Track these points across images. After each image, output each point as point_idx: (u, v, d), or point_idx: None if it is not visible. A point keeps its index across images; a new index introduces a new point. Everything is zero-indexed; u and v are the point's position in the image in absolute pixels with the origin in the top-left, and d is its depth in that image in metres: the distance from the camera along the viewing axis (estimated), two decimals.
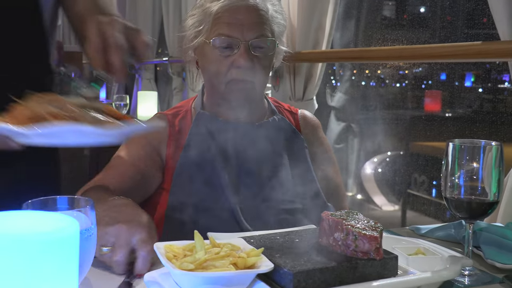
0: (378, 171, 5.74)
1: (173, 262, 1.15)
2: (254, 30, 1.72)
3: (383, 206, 5.73)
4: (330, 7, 2.95)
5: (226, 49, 1.72)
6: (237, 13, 1.72)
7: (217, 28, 1.72)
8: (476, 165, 1.34)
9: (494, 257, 1.46)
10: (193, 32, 1.79)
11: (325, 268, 1.16)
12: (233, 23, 1.71)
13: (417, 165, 5.35)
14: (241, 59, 1.70)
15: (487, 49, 1.79)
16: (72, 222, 0.83)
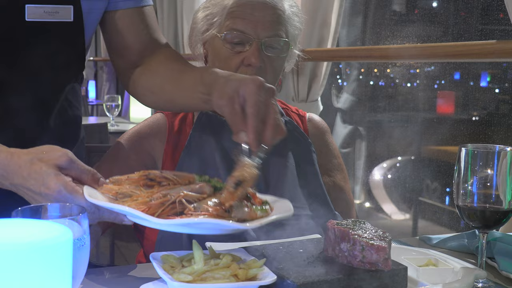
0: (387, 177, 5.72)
1: (171, 273, 1.16)
2: (268, 29, 1.75)
3: (392, 214, 5.72)
4: (336, 2, 2.96)
5: (238, 45, 1.74)
6: (253, 9, 1.75)
7: (230, 22, 1.74)
8: (490, 172, 1.34)
9: (509, 268, 1.46)
10: (204, 25, 1.81)
11: (330, 280, 1.17)
12: (247, 18, 1.74)
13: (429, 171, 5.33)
14: (252, 57, 1.72)
15: (503, 48, 1.80)
16: (65, 231, 0.85)
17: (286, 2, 1.81)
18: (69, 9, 1.56)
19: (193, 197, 1.24)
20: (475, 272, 1.32)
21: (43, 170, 1.23)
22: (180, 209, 1.20)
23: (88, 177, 1.27)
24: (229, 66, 1.74)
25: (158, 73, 1.66)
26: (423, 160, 5.44)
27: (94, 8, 1.62)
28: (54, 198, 1.22)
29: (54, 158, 1.25)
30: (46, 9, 1.52)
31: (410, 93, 5.59)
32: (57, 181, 1.22)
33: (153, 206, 1.19)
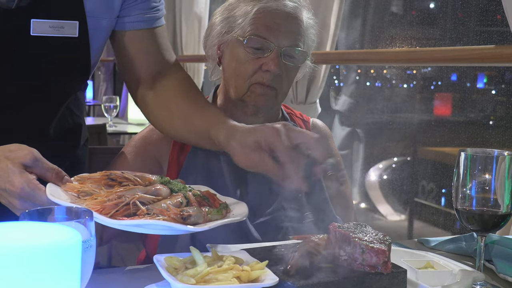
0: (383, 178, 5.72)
1: (174, 275, 1.18)
2: (289, 38, 1.77)
3: (388, 216, 5.72)
4: (335, 5, 2.97)
5: (258, 50, 1.75)
6: (276, 18, 1.77)
7: (253, 27, 1.75)
8: (489, 176, 1.35)
9: (507, 271, 1.47)
10: (224, 27, 1.83)
11: (330, 282, 1.19)
12: (270, 26, 1.75)
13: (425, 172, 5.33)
14: (271, 63, 1.73)
15: (501, 53, 1.81)
16: (74, 234, 0.86)
17: (305, 14, 1.83)
18: (75, 25, 1.58)
19: (148, 199, 1.29)
20: (473, 274, 1.33)
21: (9, 167, 1.26)
22: (134, 210, 1.24)
23: (53, 175, 1.31)
24: (246, 70, 1.76)
25: (170, 109, 1.68)
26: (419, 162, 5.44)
27: (100, 26, 1.64)
28: (18, 195, 1.25)
29: (20, 156, 1.28)
30: (52, 24, 1.54)
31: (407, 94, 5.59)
32: (21, 178, 1.25)
33: (107, 207, 1.23)
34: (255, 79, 1.76)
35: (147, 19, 1.71)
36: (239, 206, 1.41)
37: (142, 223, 1.21)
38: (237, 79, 1.80)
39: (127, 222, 1.21)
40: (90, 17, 1.60)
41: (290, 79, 1.83)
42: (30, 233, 0.89)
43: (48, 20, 1.54)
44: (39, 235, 0.88)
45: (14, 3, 1.51)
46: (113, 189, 1.32)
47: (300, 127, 1.92)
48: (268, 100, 1.80)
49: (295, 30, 1.79)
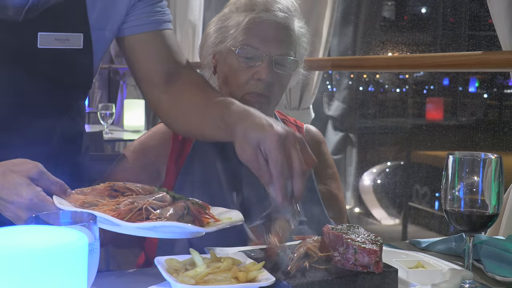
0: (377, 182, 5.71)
1: (175, 276, 1.20)
2: (280, 48, 1.79)
3: (382, 220, 5.70)
4: (327, 12, 2.98)
5: (250, 60, 1.77)
6: (267, 28, 1.78)
7: (245, 37, 1.77)
8: (476, 178, 1.37)
9: (494, 270, 1.49)
10: (218, 37, 1.84)
11: (324, 282, 1.20)
12: (261, 36, 1.77)
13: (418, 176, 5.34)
14: (262, 72, 1.75)
15: (488, 59, 1.83)
16: (80, 237, 0.88)
17: (296, 23, 1.84)
18: (79, 37, 1.59)
19: (157, 204, 1.30)
20: (462, 273, 1.35)
21: (16, 180, 1.26)
22: (146, 215, 1.25)
23: (57, 188, 1.31)
24: (239, 79, 1.78)
25: (183, 104, 1.67)
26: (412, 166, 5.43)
27: (103, 37, 1.65)
28: (26, 206, 1.25)
29: (26, 170, 1.28)
30: (57, 37, 1.55)
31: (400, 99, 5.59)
32: (29, 190, 1.25)
33: (122, 212, 1.24)
34: (248, 88, 1.79)
35: (153, 21, 1.71)
36: (233, 213, 1.43)
37: (159, 225, 1.22)
38: (230, 88, 1.82)
39: (145, 224, 1.22)
40: (94, 29, 1.61)
41: (282, 87, 1.85)
42: (39, 236, 0.90)
43: (54, 33, 1.55)
44: (47, 238, 0.89)
45: (21, 16, 1.52)
46: (117, 199, 1.33)
47: None
48: (261, 107, 1.78)
49: (286, 39, 1.81)
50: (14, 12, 1.51)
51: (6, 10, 1.50)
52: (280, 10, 1.82)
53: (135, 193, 1.38)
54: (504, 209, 1.86)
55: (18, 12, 1.52)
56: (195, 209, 1.33)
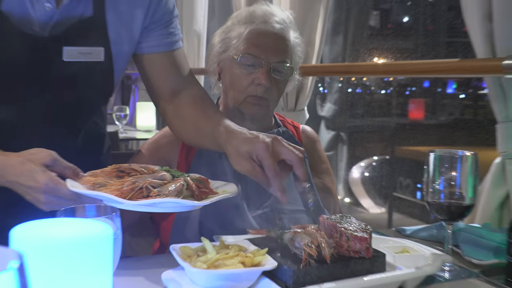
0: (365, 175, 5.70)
1: (188, 262, 1.21)
2: (277, 55, 1.79)
3: (370, 209, 5.68)
4: (319, 23, 2.97)
5: (250, 66, 1.78)
6: (266, 38, 1.79)
7: (245, 47, 1.78)
8: (454, 173, 1.38)
9: (471, 254, 1.52)
10: (222, 47, 1.85)
11: (321, 266, 1.21)
12: (260, 45, 1.78)
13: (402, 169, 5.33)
14: (262, 78, 1.76)
15: (465, 65, 1.83)
16: (106, 228, 0.90)
17: (292, 34, 1.85)
18: (101, 51, 1.58)
19: (157, 183, 1.30)
20: (442, 257, 1.36)
21: (32, 168, 1.27)
22: (147, 193, 1.26)
23: (70, 172, 1.32)
24: (241, 84, 1.79)
25: (184, 118, 1.69)
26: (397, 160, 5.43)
27: (122, 51, 1.64)
28: (42, 190, 1.27)
29: (41, 158, 1.30)
30: (81, 51, 1.55)
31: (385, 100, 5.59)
32: (44, 176, 1.26)
33: (124, 191, 1.25)
34: (249, 92, 1.79)
35: (166, 43, 1.71)
36: (229, 186, 1.43)
37: (157, 201, 1.22)
38: (234, 92, 1.83)
39: (144, 202, 1.22)
40: (114, 44, 1.61)
41: (280, 91, 1.86)
42: (70, 228, 0.91)
43: (78, 47, 1.55)
44: (77, 229, 0.90)
45: (47, 32, 1.51)
46: (123, 179, 1.33)
47: (292, 133, 1.95)
48: (261, 109, 1.83)
49: (282, 48, 1.82)
50: (40, 28, 1.51)
51: (33, 26, 1.50)
52: (277, 22, 1.83)
53: (139, 173, 1.38)
54: (479, 199, 1.87)
55: (44, 28, 1.51)
56: (193, 184, 1.34)
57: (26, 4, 1.48)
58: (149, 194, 1.26)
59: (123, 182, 1.30)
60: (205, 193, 1.34)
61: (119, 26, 1.62)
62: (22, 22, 1.49)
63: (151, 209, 1.25)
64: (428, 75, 3.22)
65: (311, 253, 1.21)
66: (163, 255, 1.56)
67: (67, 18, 1.54)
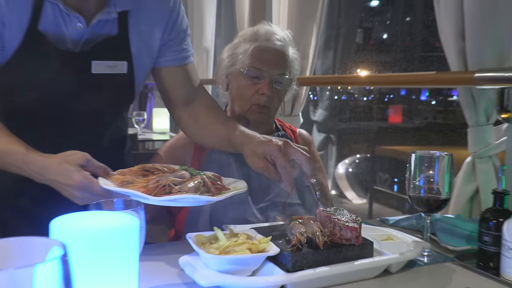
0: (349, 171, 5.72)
1: (202, 248, 1.21)
2: (278, 68, 1.79)
3: (353, 200, 5.69)
4: (312, 40, 2.98)
5: (254, 78, 1.77)
6: (268, 53, 1.79)
7: (250, 61, 1.78)
8: (432, 172, 1.39)
9: (447, 241, 1.52)
10: (230, 61, 1.85)
11: (316, 252, 1.22)
12: (263, 60, 1.78)
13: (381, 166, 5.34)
14: (265, 88, 1.76)
15: (440, 78, 1.84)
16: (133, 219, 0.91)
17: (290, 50, 1.84)
18: (124, 64, 1.58)
19: (177, 181, 1.30)
20: (422, 244, 1.38)
21: (69, 167, 1.28)
22: (169, 190, 1.26)
23: (101, 171, 1.32)
24: (246, 93, 1.79)
25: (199, 123, 1.69)
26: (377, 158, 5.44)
27: (143, 64, 1.64)
28: (77, 187, 1.27)
29: (76, 159, 1.30)
30: (107, 64, 1.55)
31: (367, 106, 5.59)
32: (79, 175, 1.26)
33: (150, 189, 1.24)
34: (253, 101, 1.79)
35: (180, 58, 1.70)
36: (239, 182, 1.43)
37: (178, 197, 1.22)
38: (240, 101, 1.82)
39: (167, 198, 1.22)
40: (135, 58, 1.61)
41: (280, 99, 1.85)
42: (102, 220, 0.92)
43: (104, 61, 1.55)
44: (109, 221, 0.91)
45: (78, 48, 1.52)
46: (148, 177, 1.33)
47: (290, 136, 1.94)
48: (264, 116, 1.82)
49: (282, 62, 1.81)
50: (72, 45, 1.51)
51: (66, 44, 1.50)
52: (278, 40, 1.83)
53: (161, 172, 1.38)
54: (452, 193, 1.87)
55: (75, 45, 1.52)
56: (209, 181, 1.33)
57: (61, 24, 1.49)
58: (171, 191, 1.26)
59: (148, 180, 1.30)
60: (218, 189, 1.34)
61: (140, 43, 1.62)
62: (56, 39, 1.49)
63: (173, 203, 1.25)
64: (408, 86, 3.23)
65: (301, 239, 1.22)
66: (179, 242, 1.55)
67: (96, 36, 1.54)
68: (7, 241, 0.62)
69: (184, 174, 1.36)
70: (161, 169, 1.40)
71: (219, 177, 1.40)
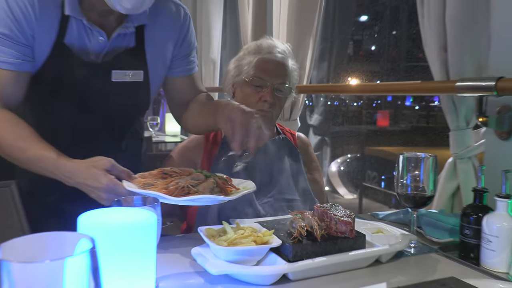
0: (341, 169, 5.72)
1: (212, 240, 1.21)
2: (279, 78, 1.79)
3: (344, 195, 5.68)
4: (309, 52, 2.97)
5: (258, 87, 1.78)
6: (270, 65, 1.79)
7: (254, 72, 1.78)
8: (418, 172, 1.38)
9: (431, 234, 1.52)
10: (236, 72, 1.85)
11: (314, 244, 1.22)
12: (266, 70, 1.78)
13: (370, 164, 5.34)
14: (267, 95, 1.76)
15: (424, 87, 1.84)
16: (151, 215, 0.90)
17: (290, 61, 1.85)
18: (141, 73, 1.59)
19: (194, 182, 1.30)
20: (409, 236, 1.37)
21: (96, 172, 1.28)
22: (187, 191, 1.26)
23: (125, 174, 1.32)
24: (250, 100, 1.78)
25: (192, 110, 1.71)
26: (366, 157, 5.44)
27: (157, 73, 1.65)
28: (104, 189, 1.27)
29: (102, 164, 1.30)
30: (126, 73, 1.56)
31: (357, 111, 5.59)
32: (106, 178, 1.27)
33: (171, 190, 1.25)
34: (257, 107, 1.78)
35: (186, 70, 1.72)
36: (248, 183, 1.43)
37: (196, 197, 1.23)
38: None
39: (186, 198, 1.23)
40: (151, 68, 1.61)
41: (281, 106, 1.85)
42: (124, 215, 0.92)
43: (123, 70, 1.56)
44: (130, 216, 0.91)
45: (100, 59, 1.53)
46: (167, 180, 1.33)
47: (289, 138, 1.94)
48: (266, 120, 1.82)
49: (283, 73, 1.81)
50: (94, 57, 1.52)
51: (89, 55, 1.51)
52: (279, 52, 1.83)
53: (179, 175, 1.38)
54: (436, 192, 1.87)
55: (97, 56, 1.53)
56: (221, 183, 1.33)
57: (84, 38, 1.49)
58: (189, 191, 1.26)
59: (167, 182, 1.30)
60: (230, 189, 1.34)
61: (155, 54, 1.62)
62: (81, 52, 1.50)
63: (191, 203, 1.25)
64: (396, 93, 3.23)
65: (302, 232, 1.22)
66: (190, 235, 1.55)
67: (115, 48, 1.55)
68: (41, 236, 0.63)
69: (199, 176, 1.36)
70: (178, 172, 1.40)
71: (229, 179, 1.40)
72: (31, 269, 0.55)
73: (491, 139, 1.59)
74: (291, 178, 1.82)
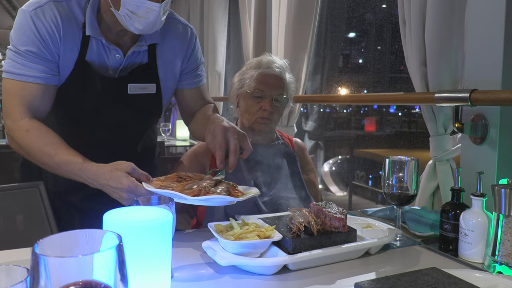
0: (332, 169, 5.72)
1: (220, 235, 1.22)
2: (277, 90, 1.80)
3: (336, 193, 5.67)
4: (304, 66, 2.98)
5: (259, 98, 1.78)
6: (269, 78, 1.80)
7: (255, 85, 1.79)
8: (402, 173, 1.39)
9: (414, 228, 1.52)
10: (239, 85, 1.86)
11: (311, 237, 1.22)
12: (266, 83, 1.79)
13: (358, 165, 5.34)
14: (267, 105, 1.77)
15: (407, 97, 1.85)
16: (168, 213, 0.91)
17: (287, 75, 1.85)
18: (153, 86, 1.60)
19: (210, 184, 1.31)
20: (395, 231, 1.38)
21: (118, 174, 1.28)
22: (207, 191, 1.27)
23: (144, 177, 1.32)
24: (252, 110, 1.80)
25: (195, 120, 1.72)
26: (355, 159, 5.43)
27: (168, 86, 1.65)
28: (126, 190, 1.27)
29: (124, 167, 1.30)
30: (140, 86, 1.57)
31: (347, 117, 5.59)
32: (127, 180, 1.27)
33: (195, 190, 1.26)
34: (258, 115, 1.80)
35: (195, 82, 1.73)
36: (252, 188, 1.43)
37: (211, 197, 1.23)
38: (247, 115, 1.83)
39: (202, 197, 1.23)
40: (162, 81, 1.62)
41: (279, 114, 1.85)
42: (144, 213, 0.92)
43: (138, 84, 1.56)
44: (149, 214, 0.91)
45: (117, 74, 1.54)
46: (182, 183, 1.33)
47: (287, 143, 1.94)
48: (266, 127, 1.82)
49: (280, 85, 1.82)
50: (112, 72, 1.53)
51: (108, 71, 1.52)
52: (277, 67, 1.84)
53: (192, 179, 1.38)
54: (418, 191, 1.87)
55: (115, 71, 1.53)
56: (229, 187, 1.34)
57: (103, 55, 1.50)
58: (209, 192, 1.27)
59: (183, 185, 1.31)
60: (236, 194, 1.34)
61: (165, 69, 1.63)
62: (100, 68, 1.51)
63: (205, 202, 1.25)
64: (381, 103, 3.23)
65: (300, 227, 1.23)
66: (201, 229, 1.55)
67: (131, 64, 1.56)
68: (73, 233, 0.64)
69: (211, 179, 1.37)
70: (192, 176, 1.41)
71: (236, 185, 1.40)
72: (64, 263, 0.56)
73: (467, 143, 1.60)
74: (289, 178, 1.81)
